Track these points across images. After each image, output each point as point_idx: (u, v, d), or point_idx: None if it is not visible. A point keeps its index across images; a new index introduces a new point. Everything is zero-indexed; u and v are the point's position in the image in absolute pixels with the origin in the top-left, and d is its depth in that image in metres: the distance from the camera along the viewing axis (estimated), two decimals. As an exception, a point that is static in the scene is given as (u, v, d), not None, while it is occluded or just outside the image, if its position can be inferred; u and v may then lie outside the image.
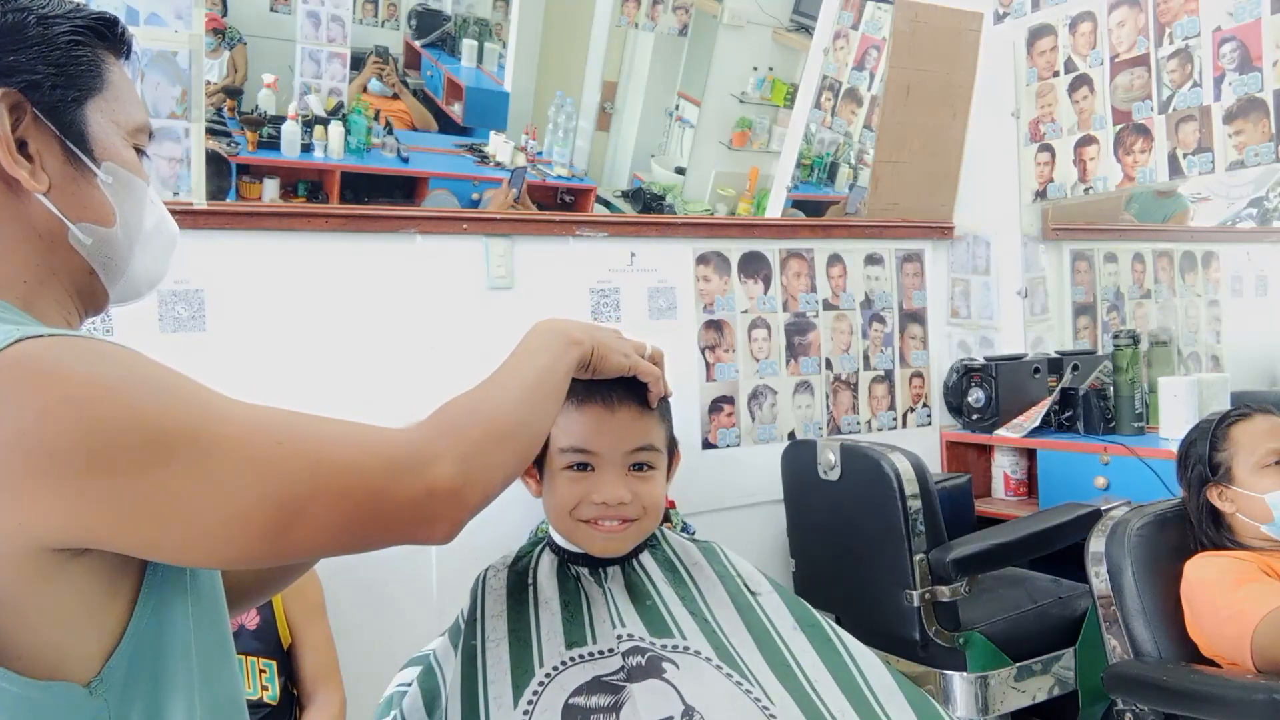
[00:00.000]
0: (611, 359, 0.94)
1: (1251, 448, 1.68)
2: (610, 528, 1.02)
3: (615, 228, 2.48)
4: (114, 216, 0.75)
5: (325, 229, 2.12)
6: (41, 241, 0.72)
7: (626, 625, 0.98)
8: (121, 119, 0.76)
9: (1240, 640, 1.52)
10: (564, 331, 0.90)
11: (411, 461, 0.70)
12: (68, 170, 0.72)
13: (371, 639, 2.03)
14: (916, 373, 2.98)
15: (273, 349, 2.04)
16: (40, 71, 0.70)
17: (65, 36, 0.72)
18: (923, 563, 2.04)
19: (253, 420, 0.66)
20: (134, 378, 0.64)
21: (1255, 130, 2.40)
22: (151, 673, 0.68)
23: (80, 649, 0.65)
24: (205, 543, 0.64)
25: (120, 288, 0.80)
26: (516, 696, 0.94)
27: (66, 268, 0.74)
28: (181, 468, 0.62)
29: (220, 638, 0.79)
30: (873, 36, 2.86)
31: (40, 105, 0.70)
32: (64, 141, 0.72)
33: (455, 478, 0.71)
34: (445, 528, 0.72)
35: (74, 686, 0.64)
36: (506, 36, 2.45)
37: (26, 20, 0.70)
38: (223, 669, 0.78)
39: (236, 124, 2.11)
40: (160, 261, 0.83)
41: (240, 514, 0.63)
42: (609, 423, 1.01)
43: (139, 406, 0.62)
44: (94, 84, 0.74)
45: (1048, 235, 3.01)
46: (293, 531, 0.65)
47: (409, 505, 0.69)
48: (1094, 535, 1.79)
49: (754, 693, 0.94)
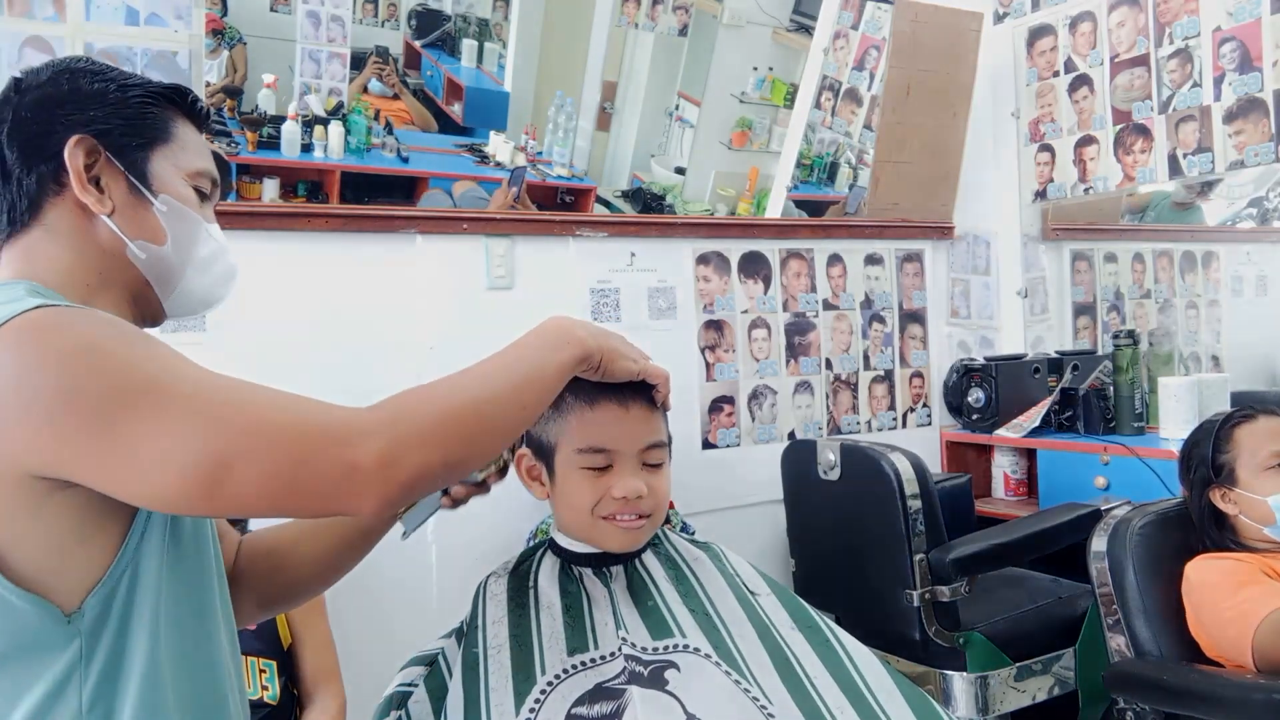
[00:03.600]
0: (620, 364, 0.96)
1: (1254, 450, 1.67)
2: (629, 522, 1.03)
3: (615, 228, 2.48)
4: (166, 237, 0.90)
5: (325, 229, 2.12)
6: (105, 254, 0.88)
7: (629, 631, 0.99)
8: (183, 164, 0.92)
9: (1241, 641, 1.52)
10: (567, 330, 0.92)
11: (340, 434, 0.75)
12: (130, 199, 0.89)
13: (371, 639, 2.03)
14: (916, 373, 2.98)
15: (272, 349, 2.04)
16: (112, 123, 0.88)
17: (137, 99, 0.90)
18: (923, 563, 2.03)
19: (209, 382, 0.76)
20: (118, 339, 0.76)
21: (1255, 130, 2.40)
22: (120, 615, 0.79)
23: (64, 579, 0.76)
24: (147, 483, 0.73)
25: (173, 302, 0.94)
26: (518, 704, 0.94)
27: (124, 278, 0.90)
28: (139, 414, 0.72)
29: (201, 602, 0.88)
30: (873, 36, 2.86)
31: (110, 149, 0.88)
32: (128, 176, 0.89)
33: (381, 454, 0.75)
34: (372, 502, 0.75)
35: (54, 609, 0.75)
36: (506, 36, 2.45)
37: (109, 88, 0.89)
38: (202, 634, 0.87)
39: (236, 124, 2.11)
40: (218, 287, 0.98)
41: (178, 459, 0.72)
42: (624, 421, 1.03)
43: (115, 361, 0.74)
44: (159, 135, 0.91)
45: (1048, 235, 3.01)
46: (221, 486, 0.72)
47: (330, 476, 0.74)
48: (1096, 534, 1.79)
49: (752, 691, 0.95)
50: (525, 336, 0.91)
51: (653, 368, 1.01)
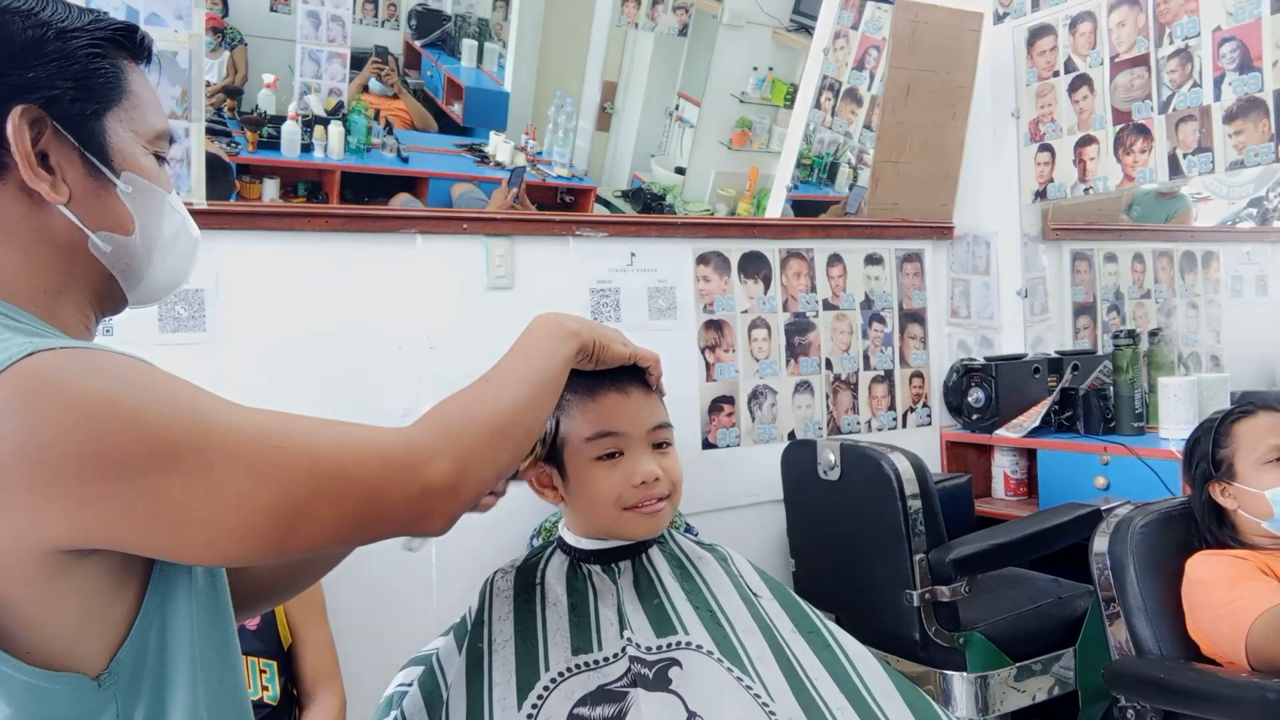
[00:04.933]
0: (612, 349, 0.98)
1: (1253, 444, 1.68)
2: (651, 507, 1.05)
3: (615, 228, 2.48)
4: (133, 224, 0.77)
5: (325, 229, 2.12)
6: (62, 251, 0.74)
7: (634, 631, 0.99)
8: (141, 128, 0.77)
9: (1235, 639, 1.52)
10: (562, 325, 0.93)
11: (407, 460, 0.73)
12: (88, 181, 0.74)
13: (371, 639, 2.03)
14: (916, 373, 2.98)
15: (272, 349, 2.04)
16: (59, 86, 0.71)
17: (84, 50, 0.73)
18: (923, 563, 2.04)
19: (253, 427, 0.68)
20: (136, 387, 0.65)
21: (1255, 130, 2.40)
22: (156, 667, 0.71)
23: (89, 643, 0.67)
24: (209, 546, 0.67)
25: (139, 291, 0.81)
26: (521, 700, 0.94)
27: (86, 275, 0.76)
28: (183, 475, 0.64)
29: (223, 638, 0.80)
30: (873, 36, 2.86)
31: (60, 119, 0.71)
32: (84, 154, 0.73)
33: (450, 475, 0.74)
34: (441, 521, 0.75)
35: (83, 678, 0.66)
36: (506, 36, 2.45)
37: (45, 35, 0.71)
38: (226, 669, 0.80)
39: (236, 124, 2.11)
40: (181, 265, 0.84)
41: (243, 519, 0.66)
42: (626, 405, 1.04)
43: (140, 415, 0.64)
44: (113, 95, 0.75)
45: (1048, 235, 3.01)
46: (295, 533, 0.68)
47: (405, 502, 0.72)
48: (1098, 534, 1.79)
49: (754, 688, 0.95)
50: (524, 338, 0.92)
51: (642, 351, 1.03)
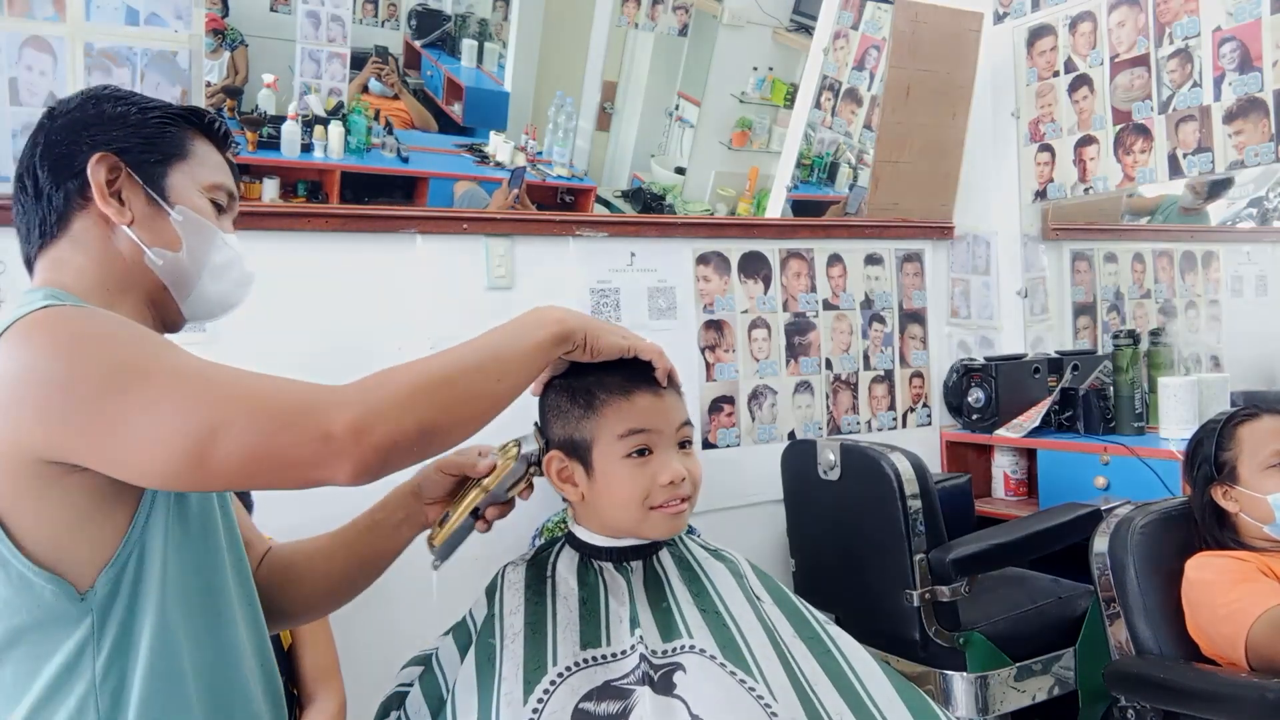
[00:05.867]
0: (607, 339, 1.00)
1: (1256, 448, 1.67)
2: (675, 507, 1.06)
3: (615, 228, 2.48)
4: (181, 244, 0.97)
5: (325, 229, 2.12)
6: (125, 261, 0.95)
7: (642, 634, 0.99)
8: (200, 178, 1.00)
9: (1235, 639, 1.52)
10: (544, 313, 0.98)
11: (314, 404, 0.81)
12: (148, 210, 0.96)
13: (371, 639, 2.03)
14: (916, 373, 2.98)
15: (272, 349, 2.02)
16: (132, 142, 0.96)
17: (156, 119, 0.98)
18: (923, 563, 2.03)
19: (194, 364, 0.83)
20: (111, 330, 0.84)
21: (1255, 130, 2.40)
22: (129, 591, 0.85)
23: (77, 557, 0.83)
24: (140, 460, 0.80)
25: (190, 306, 1.00)
26: (526, 693, 0.95)
27: (144, 284, 0.97)
28: (130, 396, 0.79)
29: (208, 582, 0.93)
30: (873, 36, 2.86)
31: (131, 164, 0.95)
32: (146, 189, 0.96)
33: (353, 421, 0.80)
34: (348, 468, 0.81)
35: (69, 587, 0.82)
36: (506, 36, 2.45)
37: (130, 111, 0.97)
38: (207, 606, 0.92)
39: (237, 124, 2.11)
40: (233, 290, 1.04)
41: (165, 436, 0.79)
42: (659, 404, 1.06)
43: (107, 348, 0.81)
44: (176, 152, 0.98)
45: (1048, 235, 3.01)
46: (208, 456, 0.78)
47: (309, 442, 0.80)
48: (1098, 533, 1.79)
49: (758, 690, 0.95)
50: (507, 322, 0.97)
51: (643, 343, 1.04)
